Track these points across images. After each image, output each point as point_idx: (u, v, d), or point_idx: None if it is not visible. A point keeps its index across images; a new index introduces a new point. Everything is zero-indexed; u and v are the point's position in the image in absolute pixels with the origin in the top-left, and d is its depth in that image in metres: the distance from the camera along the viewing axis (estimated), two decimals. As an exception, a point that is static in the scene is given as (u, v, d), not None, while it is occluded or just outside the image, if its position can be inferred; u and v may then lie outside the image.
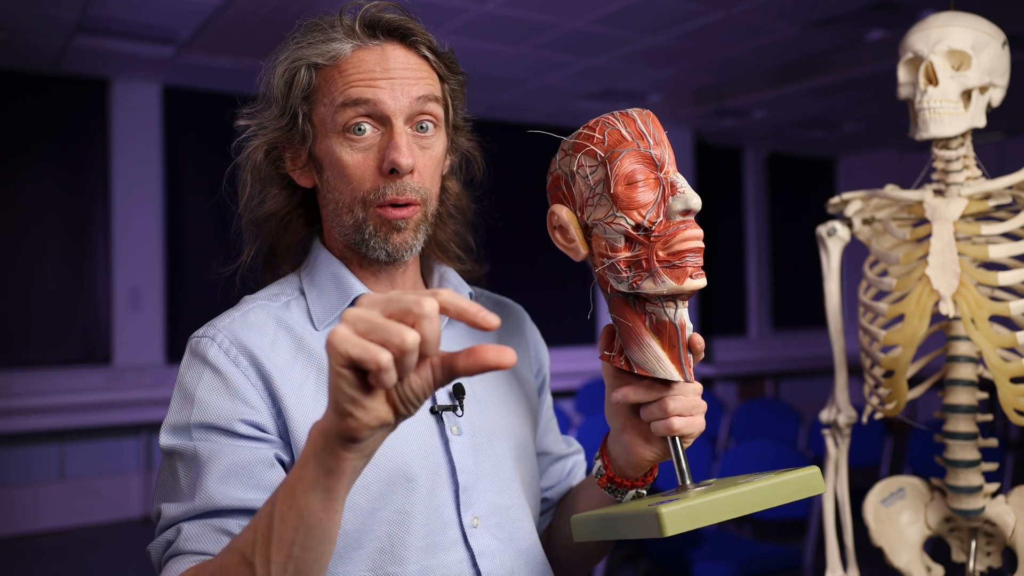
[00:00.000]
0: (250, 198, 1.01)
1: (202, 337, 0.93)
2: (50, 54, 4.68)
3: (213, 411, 0.87)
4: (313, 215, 1.04)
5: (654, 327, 0.87)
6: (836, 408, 1.52)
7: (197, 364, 0.91)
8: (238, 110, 1.01)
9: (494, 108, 6.08)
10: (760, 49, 4.86)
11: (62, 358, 5.09)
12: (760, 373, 7.60)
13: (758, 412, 4.82)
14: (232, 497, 0.84)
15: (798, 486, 0.84)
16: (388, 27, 0.95)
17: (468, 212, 1.12)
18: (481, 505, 0.96)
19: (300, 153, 0.98)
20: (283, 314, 0.96)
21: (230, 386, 0.89)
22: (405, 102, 0.93)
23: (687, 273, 0.83)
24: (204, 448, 0.86)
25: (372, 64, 0.93)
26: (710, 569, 2.97)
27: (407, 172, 0.92)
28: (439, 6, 4.04)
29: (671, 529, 0.76)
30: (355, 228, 0.95)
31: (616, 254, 0.86)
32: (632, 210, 0.84)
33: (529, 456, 1.06)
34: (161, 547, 0.85)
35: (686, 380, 0.87)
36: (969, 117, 1.35)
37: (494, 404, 1.02)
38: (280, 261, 1.05)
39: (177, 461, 0.87)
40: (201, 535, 0.83)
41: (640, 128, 0.86)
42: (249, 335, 0.92)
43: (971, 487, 1.36)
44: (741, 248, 7.90)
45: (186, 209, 5.41)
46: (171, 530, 0.85)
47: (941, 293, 1.31)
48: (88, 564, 4.48)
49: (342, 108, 0.92)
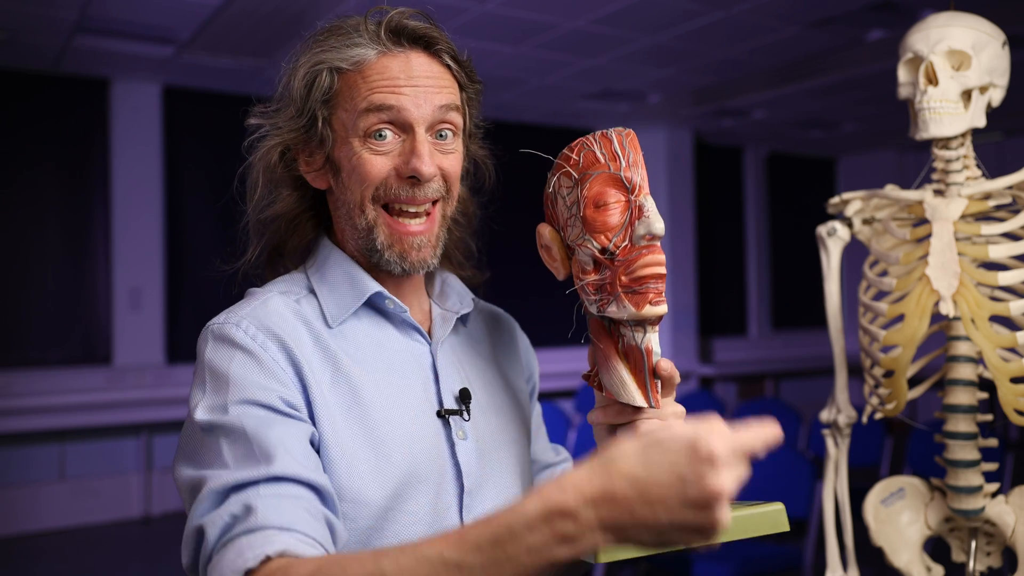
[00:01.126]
0: (261, 198, 1.01)
1: (225, 323, 0.91)
2: (50, 54, 4.68)
3: (251, 388, 0.85)
4: (321, 218, 1.04)
5: (624, 350, 0.87)
6: (836, 408, 1.52)
7: (225, 347, 0.89)
8: (250, 108, 1.00)
9: (494, 108, 6.08)
10: (760, 49, 4.86)
11: (62, 358, 5.09)
12: (760, 373, 7.60)
13: (758, 412, 4.82)
14: (298, 464, 0.80)
15: (762, 521, 0.81)
16: (413, 35, 0.95)
17: (474, 218, 1.12)
18: (483, 509, 0.96)
19: (316, 156, 0.97)
20: (298, 308, 0.95)
21: (263, 365, 0.87)
22: (428, 110, 0.93)
23: (647, 299, 0.82)
24: (250, 421, 0.83)
25: (396, 71, 0.93)
26: (710, 569, 2.97)
27: (428, 181, 0.93)
28: (439, 6, 4.02)
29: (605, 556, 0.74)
30: (367, 232, 0.95)
31: (586, 276, 0.86)
32: (599, 233, 0.84)
33: (525, 463, 1.06)
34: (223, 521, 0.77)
35: (650, 406, 0.86)
36: (969, 117, 1.36)
37: (495, 411, 1.03)
38: (284, 260, 1.05)
39: (220, 436, 0.83)
40: (280, 507, 0.77)
41: (615, 150, 0.85)
42: (273, 320, 0.92)
43: (971, 487, 1.36)
44: (741, 248, 7.89)
45: (186, 209, 5.41)
46: (231, 502, 0.78)
47: (941, 293, 1.31)
48: (88, 564, 4.48)
49: (365, 114, 0.92)
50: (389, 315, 0.99)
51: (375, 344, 0.96)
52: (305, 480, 0.80)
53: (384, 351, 0.96)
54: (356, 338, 0.95)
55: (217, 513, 0.78)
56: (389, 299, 0.97)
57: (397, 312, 0.98)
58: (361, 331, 0.96)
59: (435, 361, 0.99)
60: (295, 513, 0.77)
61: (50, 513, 4.98)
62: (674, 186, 6.86)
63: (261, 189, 1.00)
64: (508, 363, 1.11)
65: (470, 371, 1.03)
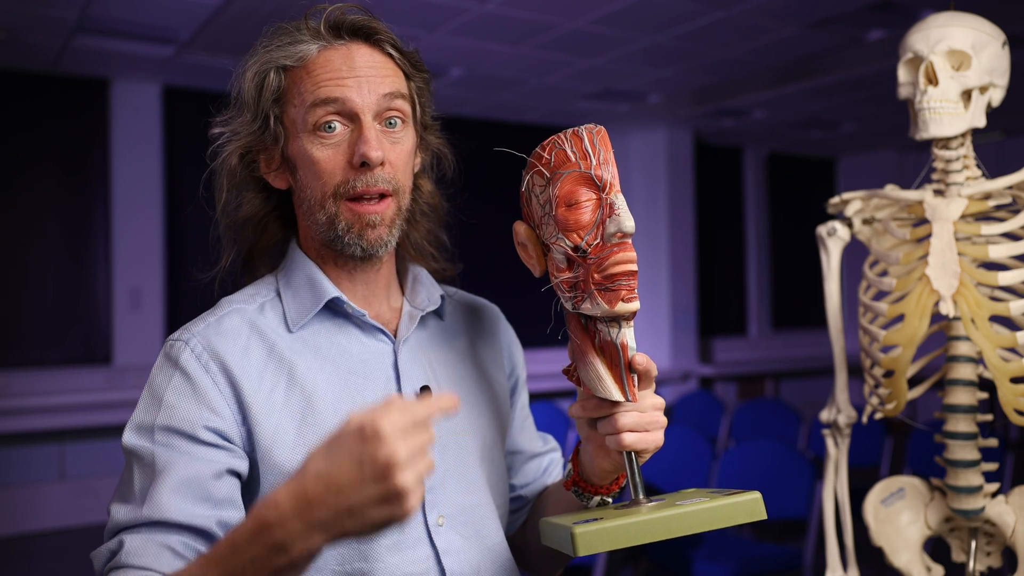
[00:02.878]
0: (227, 203, 1.03)
1: (176, 341, 0.95)
2: (50, 54, 4.68)
3: (179, 416, 0.89)
4: (289, 218, 1.06)
5: (600, 346, 0.88)
6: (836, 408, 1.52)
7: (168, 367, 0.93)
8: (212, 119, 1.02)
9: (494, 108, 6.08)
10: (760, 49, 4.86)
11: (62, 358, 5.09)
12: (760, 373, 7.60)
13: (758, 412, 4.82)
14: (180, 510, 0.85)
15: (737, 511, 0.81)
16: (352, 27, 0.97)
17: (441, 210, 1.13)
18: (447, 504, 0.97)
19: (274, 155, 1.00)
20: (257, 318, 0.98)
21: (198, 391, 0.91)
22: (372, 99, 0.95)
23: (620, 296, 0.83)
24: (162, 455, 0.88)
25: (339, 64, 0.95)
26: (710, 569, 2.97)
27: (377, 164, 0.94)
28: (439, 6, 4.04)
29: (584, 550, 0.75)
30: (328, 224, 0.96)
31: (561, 274, 0.87)
32: (571, 232, 0.85)
33: (496, 456, 1.07)
34: (104, 558, 0.86)
35: (627, 400, 0.87)
36: (969, 117, 1.35)
37: (461, 405, 1.03)
38: (258, 264, 1.07)
39: (135, 463, 0.90)
40: (143, 550, 0.84)
41: (586, 148, 0.86)
42: (222, 341, 0.94)
43: (971, 487, 1.36)
44: (741, 248, 7.89)
45: (186, 209, 5.41)
46: (114, 541, 0.86)
47: (941, 293, 1.31)
48: (88, 564, 4.47)
49: (312, 108, 0.94)
50: (351, 317, 1.00)
51: (336, 347, 0.98)
52: (178, 524, 0.85)
53: (345, 353, 0.98)
54: (317, 342, 0.98)
55: (103, 547, 0.87)
56: (347, 304, 0.98)
57: (357, 315, 0.99)
58: (323, 334, 0.98)
59: (397, 360, 1.00)
60: (156, 553, 0.83)
61: (50, 513, 4.98)
62: (674, 186, 6.86)
63: (226, 194, 1.02)
64: (487, 355, 1.12)
65: (438, 366, 1.04)
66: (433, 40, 4.50)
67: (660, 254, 6.79)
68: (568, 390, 5.94)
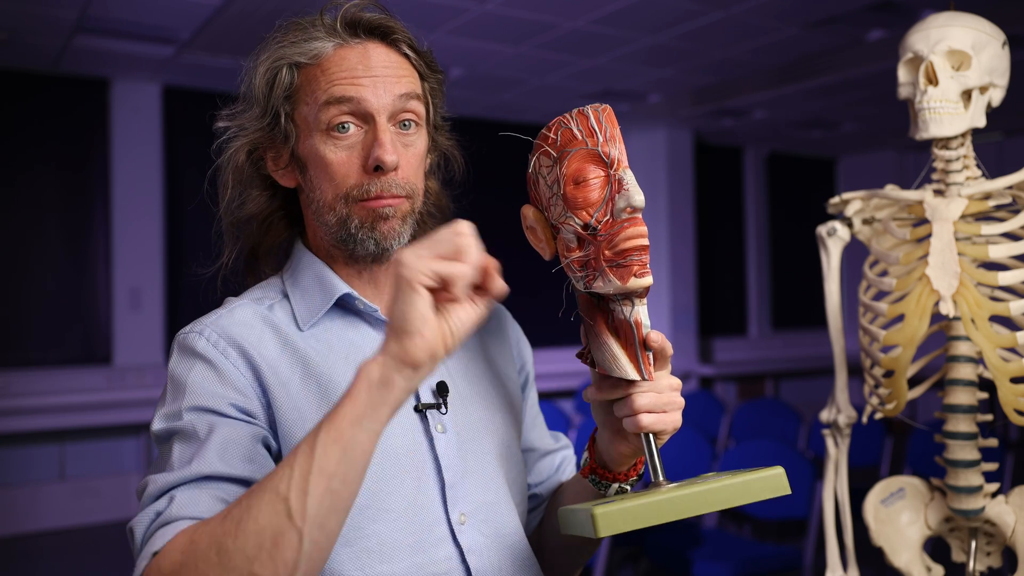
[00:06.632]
0: (231, 200, 1.01)
1: (189, 333, 0.93)
2: (50, 54, 4.68)
3: (205, 395, 0.87)
4: (294, 217, 1.05)
5: (613, 325, 0.87)
6: (836, 408, 1.52)
7: (187, 357, 0.91)
8: (217, 112, 1.01)
9: (494, 108, 6.08)
10: (760, 49, 4.86)
11: (62, 358, 5.09)
12: (760, 373, 7.60)
13: (758, 412, 4.82)
14: (230, 465, 0.83)
15: (761, 486, 0.80)
16: (369, 26, 0.96)
17: (448, 211, 1.12)
18: (467, 502, 0.96)
19: (282, 153, 0.98)
20: (268, 315, 0.96)
21: (221, 374, 0.89)
22: (388, 100, 0.93)
23: (632, 272, 0.82)
24: (200, 424, 0.85)
25: (354, 62, 0.94)
26: (710, 569, 2.97)
27: (392, 169, 0.93)
28: (439, 6, 4.04)
29: (605, 530, 0.74)
30: (340, 224, 0.95)
31: (571, 254, 0.86)
32: (580, 210, 0.84)
33: (514, 454, 1.06)
34: (148, 519, 0.80)
35: (643, 378, 0.86)
36: (969, 117, 1.36)
37: (477, 402, 1.03)
38: (261, 263, 1.05)
39: (174, 440, 0.86)
40: (197, 499, 0.80)
41: (592, 125, 0.85)
42: (237, 329, 0.93)
43: (971, 487, 1.36)
44: (741, 248, 7.90)
45: (186, 209, 5.41)
46: (162, 499, 0.81)
47: (941, 293, 1.31)
48: (88, 564, 4.48)
49: (325, 106, 0.93)
50: (363, 314, 0.99)
51: (349, 344, 0.97)
52: (229, 477, 0.83)
53: (358, 350, 0.97)
54: (329, 339, 0.96)
55: (146, 511, 0.81)
56: (359, 300, 0.97)
57: (368, 311, 0.98)
58: (334, 332, 0.97)
59: None
60: (210, 504, 0.80)
61: (50, 513, 4.98)
62: (674, 186, 6.86)
63: (231, 191, 1.01)
64: (497, 352, 1.11)
65: (452, 363, 1.03)
66: (433, 40, 4.49)
67: (660, 254, 6.79)
68: (569, 390, 5.94)
